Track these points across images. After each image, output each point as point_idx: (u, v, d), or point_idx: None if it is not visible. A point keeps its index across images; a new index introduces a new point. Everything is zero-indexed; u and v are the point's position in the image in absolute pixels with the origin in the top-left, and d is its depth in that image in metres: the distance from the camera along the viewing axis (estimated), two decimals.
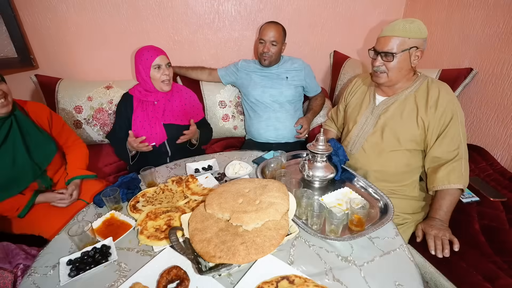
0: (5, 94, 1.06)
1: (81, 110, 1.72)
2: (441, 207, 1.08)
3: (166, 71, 1.40)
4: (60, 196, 1.20)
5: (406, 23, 1.07)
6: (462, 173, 1.07)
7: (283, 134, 1.73)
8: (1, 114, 1.06)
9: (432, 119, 1.10)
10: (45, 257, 0.86)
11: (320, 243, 0.87)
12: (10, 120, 1.11)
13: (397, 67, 1.11)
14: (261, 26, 1.68)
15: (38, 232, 1.17)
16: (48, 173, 1.26)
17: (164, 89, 1.44)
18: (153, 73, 1.39)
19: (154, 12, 1.83)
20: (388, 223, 0.92)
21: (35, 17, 1.71)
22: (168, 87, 1.44)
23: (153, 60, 1.37)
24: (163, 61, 1.39)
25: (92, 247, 0.83)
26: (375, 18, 2.07)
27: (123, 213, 1.01)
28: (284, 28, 1.67)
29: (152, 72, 1.39)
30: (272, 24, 1.64)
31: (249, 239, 0.74)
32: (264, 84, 1.71)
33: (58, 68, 1.84)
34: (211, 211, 0.85)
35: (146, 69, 1.39)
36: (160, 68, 1.39)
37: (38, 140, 1.18)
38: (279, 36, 1.64)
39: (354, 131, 1.28)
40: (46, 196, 1.21)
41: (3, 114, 1.06)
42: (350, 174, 1.19)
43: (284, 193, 0.87)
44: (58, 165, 1.31)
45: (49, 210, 1.19)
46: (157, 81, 1.42)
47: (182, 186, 1.12)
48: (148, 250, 0.86)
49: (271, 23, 1.65)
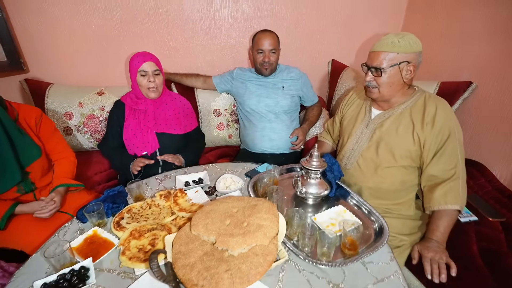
0: None
1: (71, 116, 1.67)
2: (438, 228, 1.04)
3: (151, 78, 1.36)
4: (41, 203, 1.15)
5: (395, 38, 1.04)
6: (460, 193, 1.04)
7: (278, 145, 1.69)
8: None
9: (429, 136, 1.06)
10: (20, 278, 0.81)
11: (311, 267, 0.83)
12: None
13: (387, 82, 1.08)
14: (254, 35, 1.65)
15: (20, 246, 1.12)
16: (31, 176, 1.21)
17: (150, 96, 1.40)
18: (139, 79, 1.36)
19: (149, 17, 1.79)
20: (383, 246, 0.88)
21: (26, 20, 1.67)
22: (154, 95, 1.40)
23: (139, 66, 1.34)
24: (150, 68, 1.35)
25: (70, 269, 0.78)
26: (375, 28, 2.04)
27: (107, 230, 0.96)
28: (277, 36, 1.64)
29: (138, 78, 1.36)
30: (267, 33, 1.60)
31: (235, 266, 0.70)
32: (260, 93, 1.68)
33: (49, 73, 1.80)
34: (196, 232, 0.80)
35: (134, 75, 1.36)
36: (146, 74, 1.36)
37: (20, 140, 1.15)
38: (276, 43, 1.61)
39: (349, 145, 1.25)
40: (30, 206, 1.16)
41: None
42: (345, 191, 1.15)
43: (274, 214, 0.83)
44: (42, 170, 1.26)
45: (30, 223, 1.14)
46: (143, 88, 1.38)
47: (170, 201, 1.08)
48: (130, 272, 0.82)
49: (265, 31, 1.61)
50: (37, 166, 1.22)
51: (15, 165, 1.11)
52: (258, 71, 1.69)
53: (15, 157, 1.11)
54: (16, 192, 1.16)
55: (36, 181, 1.21)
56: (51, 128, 1.32)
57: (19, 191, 1.16)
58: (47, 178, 1.26)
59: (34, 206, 1.17)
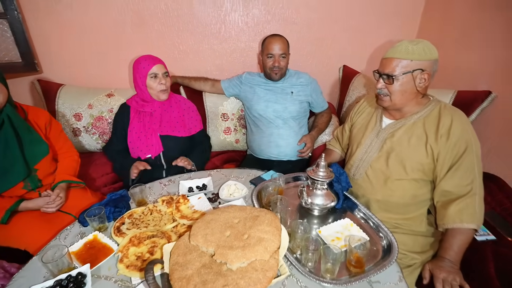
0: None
1: (80, 117, 1.69)
2: (452, 247, 0.97)
3: (162, 80, 1.37)
4: (47, 199, 1.17)
5: (409, 44, 1.00)
6: (476, 211, 0.97)
7: (285, 152, 1.65)
8: None
9: (443, 149, 1.00)
10: (18, 281, 0.81)
11: (313, 285, 0.79)
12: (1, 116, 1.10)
13: (399, 90, 1.04)
14: (264, 40, 1.63)
15: (24, 246, 1.13)
16: (38, 173, 1.23)
17: (161, 98, 1.40)
18: (150, 82, 1.36)
19: (159, 20, 1.80)
20: (391, 265, 0.83)
21: (41, 23, 1.70)
22: (165, 96, 1.41)
23: (149, 69, 1.34)
24: (160, 70, 1.36)
25: (67, 274, 0.77)
26: (388, 34, 1.98)
27: (107, 234, 0.95)
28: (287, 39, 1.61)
29: (149, 81, 1.36)
30: (277, 37, 1.58)
31: (232, 281, 0.67)
32: (268, 98, 1.65)
33: (61, 74, 1.83)
34: (195, 243, 0.78)
35: (143, 78, 1.36)
36: (157, 77, 1.37)
37: (29, 138, 1.17)
38: (286, 48, 1.59)
39: (358, 155, 1.20)
40: (35, 202, 1.18)
41: None
42: (352, 202, 1.10)
43: (276, 227, 0.80)
44: (49, 168, 1.28)
45: (34, 222, 1.15)
46: (153, 90, 1.39)
47: (172, 207, 1.06)
48: (127, 280, 0.80)
49: (275, 36, 1.59)
50: (44, 163, 1.24)
51: (21, 161, 1.14)
52: (267, 76, 1.67)
53: (21, 153, 1.13)
54: (23, 188, 1.18)
55: (42, 178, 1.22)
56: (58, 129, 1.36)
57: (26, 187, 1.18)
58: (53, 176, 1.27)
59: (39, 203, 1.18)
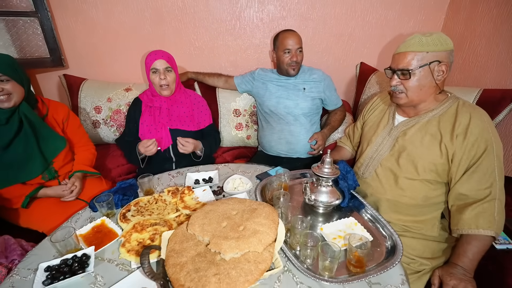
0: (8, 92, 1.14)
1: (100, 110, 1.78)
2: (466, 253, 0.91)
3: (162, 76, 1.38)
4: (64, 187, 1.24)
5: (423, 37, 0.94)
6: (495, 217, 0.89)
7: (295, 149, 1.63)
8: (4, 107, 1.15)
9: (459, 149, 0.93)
10: (30, 258, 0.86)
11: (310, 281, 0.77)
12: (17, 113, 1.19)
13: (416, 85, 0.98)
14: (277, 36, 1.60)
15: (41, 228, 1.21)
16: (54, 165, 1.30)
17: (162, 93, 1.43)
18: (152, 76, 1.40)
19: (176, 17, 1.84)
20: (394, 267, 0.79)
21: (68, 20, 1.81)
22: (166, 92, 1.43)
23: (151, 64, 1.37)
24: (161, 65, 1.38)
25: (73, 255, 0.82)
26: (409, 29, 1.89)
27: (114, 220, 0.99)
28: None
29: (151, 75, 1.40)
30: (291, 32, 1.56)
31: (224, 271, 0.67)
32: (280, 94, 1.63)
33: (85, 69, 1.94)
34: (192, 231, 0.79)
35: (147, 72, 1.41)
36: (157, 72, 1.38)
37: (46, 134, 1.25)
38: (301, 41, 1.57)
39: (368, 153, 1.15)
40: (54, 189, 1.25)
41: (5, 107, 1.15)
42: (359, 202, 1.06)
43: (272, 220, 0.79)
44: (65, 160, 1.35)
45: (51, 207, 1.22)
46: (156, 86, 1.42)
47: (177, 198, 1.08)
48: (127, 264, 0.83)
49: (289, 31, 1.57)
50: (60, 156, 1.31)
51: (39, 156, 1.21)
52: (283, 72, 1.64)
53: (39, 149, 1.21)
54: (41, 179, 1.25)
55: (59, 169, 1.30)
56: (76, 124, 1.43)
57: (43, 178, 1.25)
58: (69, 166, 1.35)
59: (57, 190, 1.25)
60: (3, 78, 1.12)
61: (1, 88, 1.11)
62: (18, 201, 1.19)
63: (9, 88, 1.13)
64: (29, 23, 1.72)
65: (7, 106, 1.14)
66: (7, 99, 1.14)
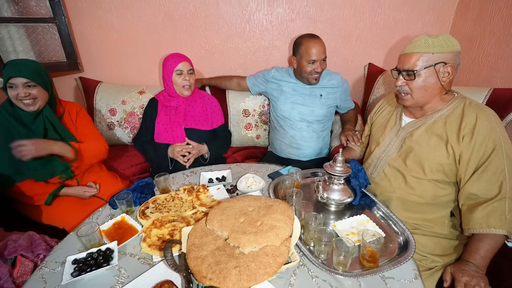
0: (34, 97, 1.22)
1: (115, 112, 1.83)
2: (478, 251, 0.92)
3: (186, 77, 1.47)
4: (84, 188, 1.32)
5: (429, 38, 0.96)
6: (506, 216, 0.90)
7: (305, 153, 1.65)
8: (28, 110, 1.23)
9: (466, 150, 0.94)
10: (57, 252, 0.91)
11: (324, 275, 0.79)
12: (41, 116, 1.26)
13: (421, 86, 0.99)
14: (300, 42, 1.49)
15: (62, 225, 1.26)
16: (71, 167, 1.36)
17: (184, 93, 1.50)
18: (175, 78, 1.46)
19: (188, 21, 1.89)
20: (407, 262, 0.81)
21: (84, 25, 1.88)
22: (188, 92, 1.50)
23: (176, 66, 1.44)
24: (185, 67, 1.46)
25: (97, 249, 0.86)
26: (418, 30, 1.90)
27: (133, 217, 1.03)
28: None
29: (174, 77, 1.46)
30: (316, 40, 1.46)
31: (244, 263, 0.70)
32: (295, 100, 1.60)
33: (100, 72, 2.00)
34: (211, 227, 0.82)
35: (169, 74, 1.46)
36: (182, 73, 1.46)
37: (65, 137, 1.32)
38: (325, 49, 1.48)
39: (376, 153, 1.17)
40: (75, 189, 1.32)
41: (30, 110, 1.23)
42: (371, 200, 1.08)
43: (288, 216, 0.82)
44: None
45: (72, 205, 1.28)
46: (178, 86, 1.48)
47: (193, 196, 1.12)
48: (149, 258, 0.87)
49: (313, 38, 1.47)
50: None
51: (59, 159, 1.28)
52: (303, 80, 1.57)
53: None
54: (59, 178, 1.32)
55: (75, 169, 1.36)
56: (87, 119, 1.48)
57: (61, 178, 1.32)
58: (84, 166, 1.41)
59: (78, 190, 1.32)
60: (30, 83, 1.19)
61: (28, 93, 1.18)
62: (41, 198, 1.24)
63: (35, 93, 1.20)
64: (47, 28, 1.79)
65: (32, 109, 1.21)
66: (33, 103, 1.21)
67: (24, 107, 1.22)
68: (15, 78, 1.17)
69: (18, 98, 1.19)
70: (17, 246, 1.01)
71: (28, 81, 1.18)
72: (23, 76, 1.17)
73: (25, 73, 1.18)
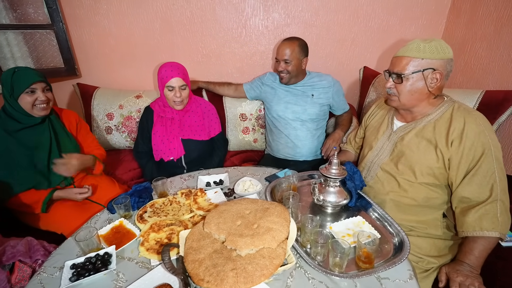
0: (49, 101, 1.25)
1: (112, 117, 1.84)
2: (472, 251, 0.93)
3: (177, 93, 1.41)
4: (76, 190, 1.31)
5: (422, 43, 0.97)
6: (498, 218, 0.91)
7: (301, 153, 1.67)
8: (41, 115, 1.25)
9: (456, 154, 0.96)
10: (55, 257, 0.91)
11: (321, 277, 0.80)
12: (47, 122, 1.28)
13: (408, 90, 1.01)
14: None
15: (60, 230, 1.26)
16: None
17: (175, 108, 1.48)
18: (166, 92, 1.43)
19: (185, 27, 1.92)
20: (401, 262, 0.82)
21: (81, 31, 1.90)
22: (179, 107, 1.47)
23: (167, 81, 1.39)
24: (177, 83, 1.40)
25: (96, 253, 0.86)
26: (411, 33, 1.94)
27: (131, 221, 1.04)
28: (302, 43, 1.57)
29: (165, 91, 1.43)
30: (285, 42, 1.57)
31: (240, 266, 0.71)
32: (288, 100, 1.66)
33: (97, 77, 2.02)
34: (208, 230, 0.83)
35: (161, 87, 1.44)
36: (173, 90, 1.41)
37: (67, 143, 1.33)
38: (291, 53, 1.54)
39: (369, 157, 1.19)
40: (66, 192, 1.31)
41: (42, 115, 1.25)
42: (366, 201, 1.10)
43: (284, 219, 0.83)
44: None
45: (69, 211, 1.28)
46: (169, 100, 1.46)
47: (190, 200, 1.13)
48: (147, 262, 0.87)
49: (285, 40, 1.58)
50: None
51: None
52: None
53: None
54: (59, 185, 1.32)
55: (74, 176, 1.36)
56: (86, 129, 1.51)
57: (60, 184, 1.33)
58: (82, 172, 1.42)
59: (70, 193, 1.30)
60: (47, 88, 1.23)
61: (46, 97, 1.21)
62: (37, 207, 1.24)
63: (50, 97, 1.24)
64: (45, 35, 1.81)
65: (44, 113, 1.24)
66: (47, 107, 1.24)
67: (38, 112, 1.23)
68: (38, 83, 1.19)
69: (36, 103, 1.21)
70: (15, 252, 1.02)
71: (46, 85, 1.22)
72: (43, 80, 1.21)
73: (42, 77, 1.22)
